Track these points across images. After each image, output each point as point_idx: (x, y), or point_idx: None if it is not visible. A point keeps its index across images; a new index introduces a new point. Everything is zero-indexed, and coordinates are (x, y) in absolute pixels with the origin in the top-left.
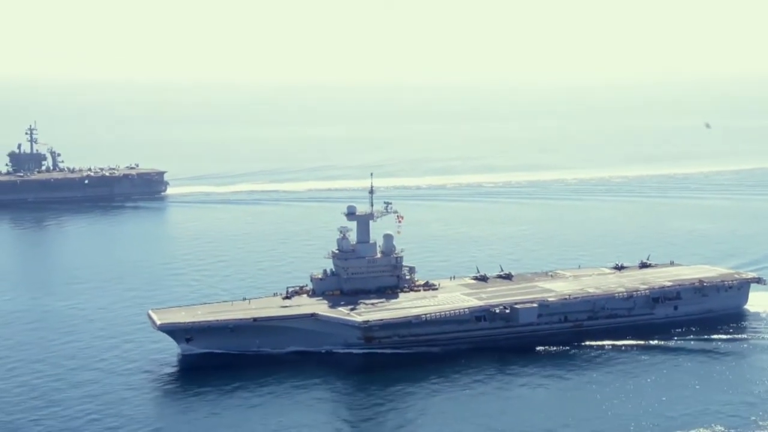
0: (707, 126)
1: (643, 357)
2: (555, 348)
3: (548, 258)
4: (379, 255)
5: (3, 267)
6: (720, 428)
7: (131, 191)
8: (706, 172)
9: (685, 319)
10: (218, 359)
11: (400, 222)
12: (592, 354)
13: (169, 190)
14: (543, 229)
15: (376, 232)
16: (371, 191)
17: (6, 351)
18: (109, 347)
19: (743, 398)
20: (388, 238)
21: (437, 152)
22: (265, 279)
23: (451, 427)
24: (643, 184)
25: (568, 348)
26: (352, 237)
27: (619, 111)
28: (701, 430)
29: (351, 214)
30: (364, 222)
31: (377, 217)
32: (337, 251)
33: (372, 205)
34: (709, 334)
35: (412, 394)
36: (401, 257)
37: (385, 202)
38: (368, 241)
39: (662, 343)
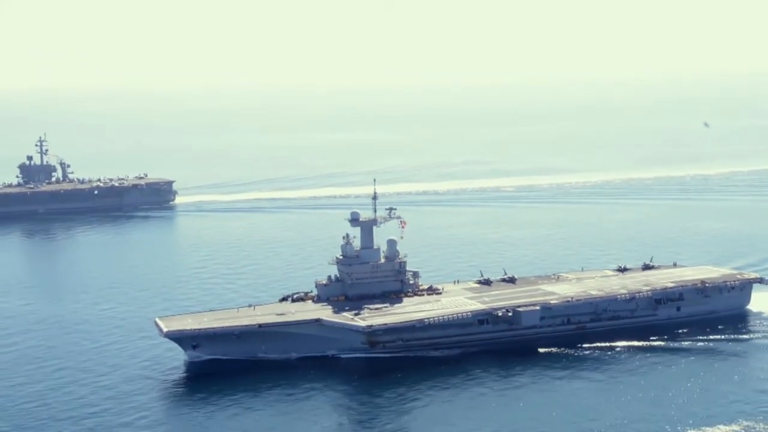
0: (706, 125)
1: (646, 358)
2: (558, 350)
3: (553, 261)
4: (382, 260)
5: (14, 276)
6: (724, 427)
7: (140, 201)
8: (725, 172)
9: (687, 320)
10: (224, 365)
11: (403, 227)
12: (595, 355)
13: (178, 199)
14: (548, 232)
15: (380, 238)
16: (374, 197)
17: (14, 357)
18: (116, 355)
19: (747, 398)
20: (391, 243)
21: (443, 157)
22: (270, 286)
23: (455, 429)
24: (653, 186)
25: (571, 350)
26: (356, 243)
27: (625, 111)
28: (705, 429)
29: (354, 220)
30: (367, 228)
31: (381, 223)
32: (341, 257)
33: (375, 211)
34: (712, 335)
35: (417, 397)
36: (405, 262)
37: (388, 208)
38: (372, 247)
39: (665, 344)
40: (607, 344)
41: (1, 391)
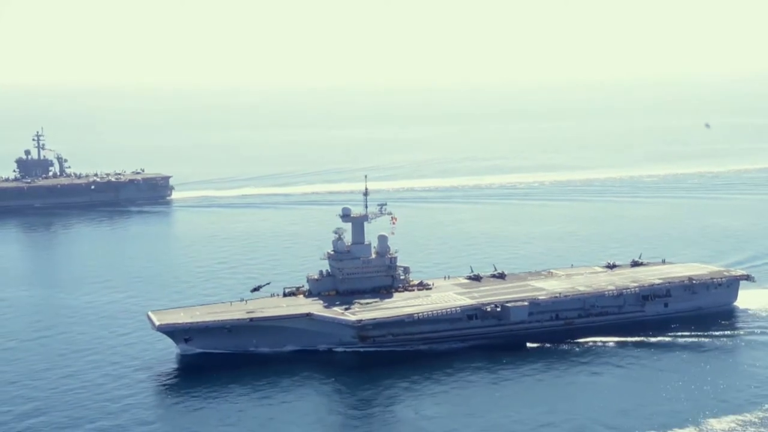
0: (707, 126)
1: (633, 353)
2: (546, 345)
3: (547, 258)
4: (373, 256)
5: (12, 269)
6: (709, 422)
7: (137, 196)
8: (734, 170)
9: (675, 316)
10: (216, 359)
11: (394, 223)
12: (583, 350)
13: (174, 195)
14: (541, 229)
15: (371, 234)
16: (366, 193)
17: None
18: (109, 348)
19: (732, 392)
20: (382, 239)
21: (440, 153)
22: (263, 280)
23: (443, 422)
24: (658, 184)
25: (559, 345)
26: (348, 238)
27: (624, 111)
28: (690, 424)
29: (346, 215)
30: (358, 223)
31: (371, 219)
32: (332, 252)
33: (366, 207)
34: (698, 331)
35: (406, 391)
36: (395, 258)
37: (379, 204)
38: (363, 243)
39: (652, 339)
40: (595, 339)
41: None
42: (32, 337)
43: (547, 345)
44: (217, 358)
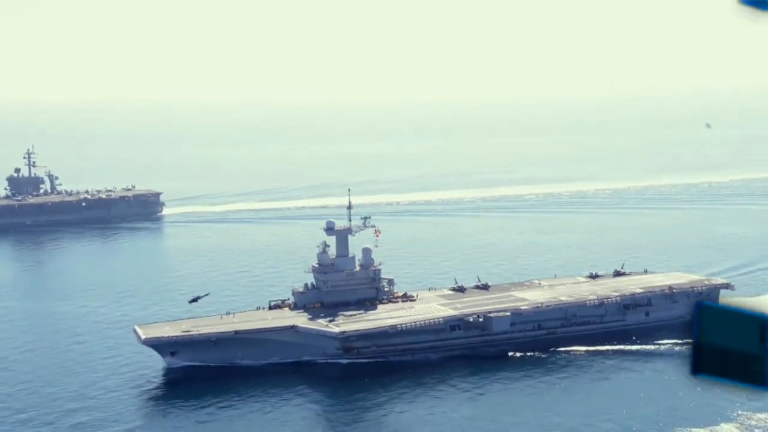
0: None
1: (615, 362)
2: (528, 355)
3: (533, 269)
4: (357, 268)
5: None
6: (691, 430)
7: (128, 213)
8: (741, 180)
9: (656, 325)
10: (202, 372)
11: (377, 236)
12: (565, 360)
13: (165, 211)
14: (527, 241)
15: (356, 247)
16: (349, 207)
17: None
18: (94, 362)
19: (713, 400)
20: (366, 251)
21: (429, 168)
22: (250, 294)
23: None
24: (652, 195)
25: (541, 355)
26: (332, 251)
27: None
28: (677, 429)
29: (330, 229)
30: (342, 237)
31: (355, 232)
32: (317, 265)
33: (350, 221)
34: (679, 339)
35: (390, 401)
36: (379, 270)
37: (362, 217)
38: (347, 255)
39: (634, 348)
40: (577, 349)
41: None
42: (15, 350)
43: (529, 354)
44: (203, 371)
